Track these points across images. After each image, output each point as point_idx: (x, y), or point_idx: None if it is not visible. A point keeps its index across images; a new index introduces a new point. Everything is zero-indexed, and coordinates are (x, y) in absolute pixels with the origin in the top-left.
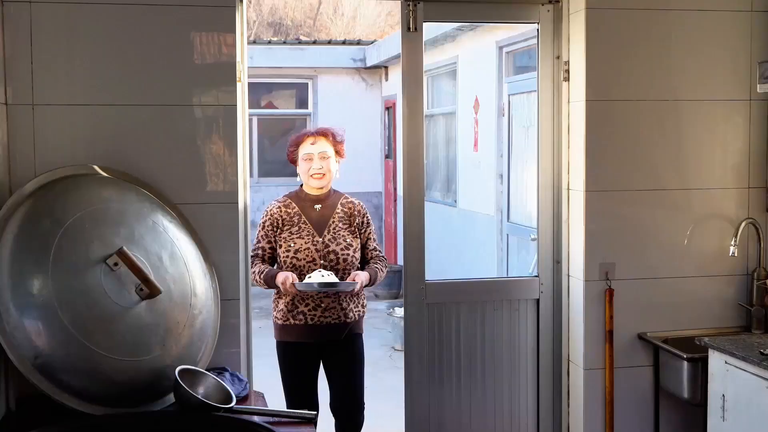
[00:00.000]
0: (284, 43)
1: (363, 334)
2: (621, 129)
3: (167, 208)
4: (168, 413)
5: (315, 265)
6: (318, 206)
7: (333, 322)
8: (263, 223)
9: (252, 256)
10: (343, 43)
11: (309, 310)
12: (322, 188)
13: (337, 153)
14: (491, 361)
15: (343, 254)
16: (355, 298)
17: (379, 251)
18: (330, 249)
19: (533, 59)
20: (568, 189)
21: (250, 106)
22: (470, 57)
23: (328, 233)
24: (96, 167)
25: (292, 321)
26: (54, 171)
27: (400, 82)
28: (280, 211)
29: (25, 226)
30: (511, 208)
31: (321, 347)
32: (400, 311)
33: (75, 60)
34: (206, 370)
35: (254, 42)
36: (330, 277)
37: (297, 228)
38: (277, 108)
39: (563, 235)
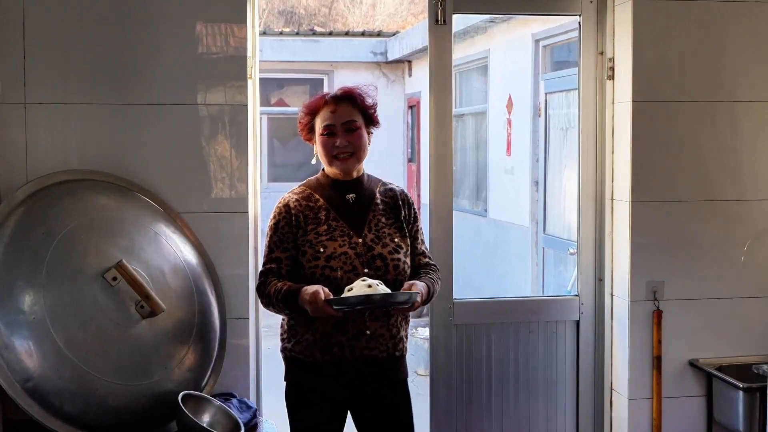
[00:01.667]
0: (297, 34)
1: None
2: (671, 133)
3: (170, 217)
4: None
5: (356, 276)
6: (351, 195)
7: (380, 355)
8: (274, 224)
9: (262, 274)
10: (362, 34)
11: (348, 339)
12: (351, 172)
13: (369, 121)
14: (525, 389)
15: (392, 260)
16: (403, 323)
17: (429, 256)
18: (375, 253)
19: (573, 54)
20: (612, 199)
21: (260, 104)
22: (503, 51)
23: (370, 231)
24: (93, 172)
25: (319, 355)
26: (47, 176)
27: (426, 78)
28: (299, 206)
29: (16, 236)
30: (547, 219)
31: (355, 391)
32: (424, 332)
33: (71, 55)
34: (212, 395)
35: (264, 33)
36: (381, 287)
37: (326, 227)
38: (288, 106)
39: (606, 250)
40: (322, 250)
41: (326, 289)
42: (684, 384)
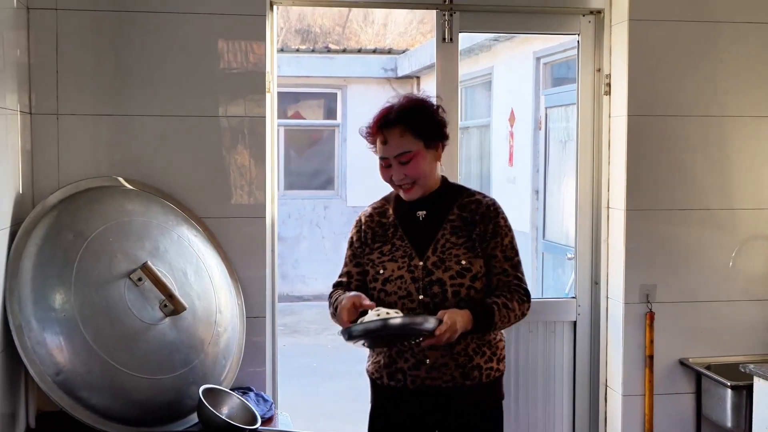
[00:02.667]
0: (313, 51)
1: (503, 402)
2: (664, 145)
3: (192, 222)
4: None
5: (411, 302)
6: (421, 212)
7: (445, 386)
8: (351, 238)
9: (333, 285)
10: (374, 51)
11: (409, 368)
12: (416, 198)
13: (431, 139)
14: (524, 386)
15: (452, 285)
16: (485, 348)
17: (513, 275)
18: (434, 278)
19: (572, 71)
20: (608, 207)
21: (277, 116)
22: (506, 68)
23: (434, 253)
24: (120, 179)
25: (386, 380)
26: (78, 183)
27: (434, 92)
28: (371, 221)
29: (48, 238)
30: (546, 226)
31: (417, 420)
32: None
33: (100, 69)
34: (231, 389)
35: (281, 50)
36: (394, 317)
37: (390, 246)
38: (304, 118)
39: (602, 255)
40: (381, 271)
41: (367, 301)
42: (675, 382)
